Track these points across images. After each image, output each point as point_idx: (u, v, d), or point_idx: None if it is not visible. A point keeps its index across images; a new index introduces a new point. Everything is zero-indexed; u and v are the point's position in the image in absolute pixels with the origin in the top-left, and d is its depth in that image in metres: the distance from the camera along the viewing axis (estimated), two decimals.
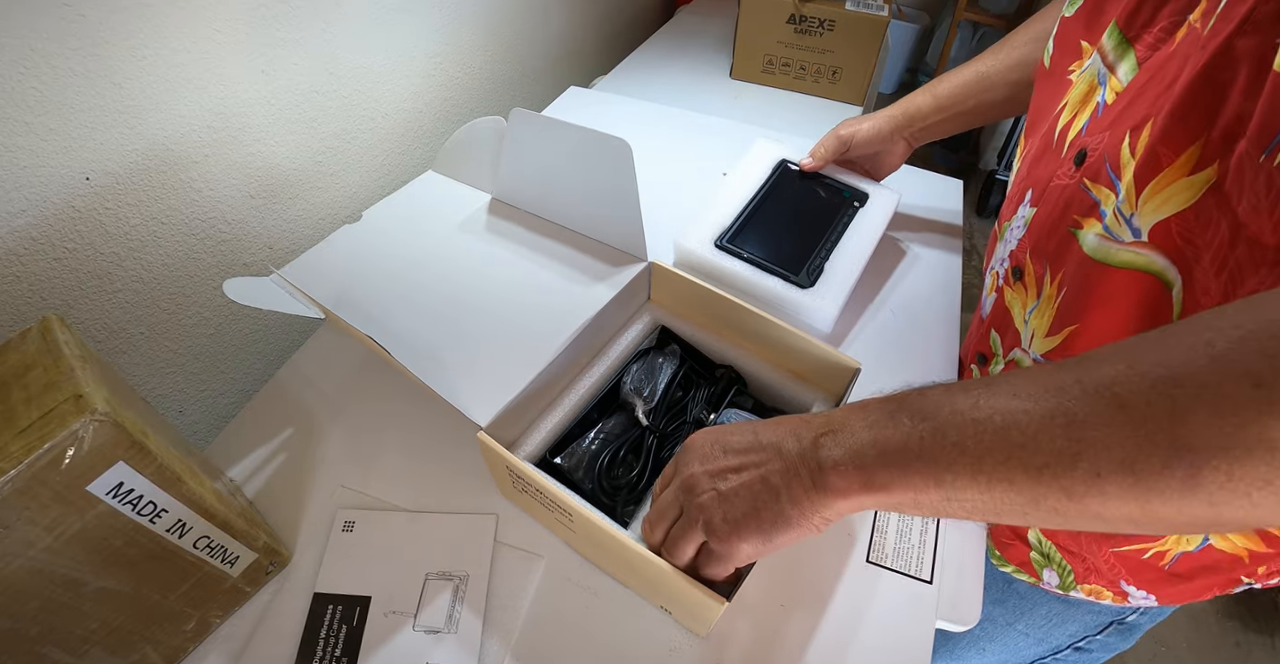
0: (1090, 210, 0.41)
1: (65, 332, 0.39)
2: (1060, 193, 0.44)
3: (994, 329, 0.54)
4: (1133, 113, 0.39)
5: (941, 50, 2.01)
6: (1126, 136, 0.38)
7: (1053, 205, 0.45)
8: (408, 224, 0.63)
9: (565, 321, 0.52)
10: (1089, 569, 0.51)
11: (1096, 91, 0.44)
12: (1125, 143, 0.38)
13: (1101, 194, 0.40)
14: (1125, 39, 0.42)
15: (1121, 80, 0.42)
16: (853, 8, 0.97)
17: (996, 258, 0.55)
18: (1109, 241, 0.39)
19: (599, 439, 0.51)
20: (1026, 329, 0.49)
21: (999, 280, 0.54)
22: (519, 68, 1.00)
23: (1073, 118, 0.46)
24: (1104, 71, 0.44)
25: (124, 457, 0.35)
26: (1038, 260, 0.47)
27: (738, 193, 0.73)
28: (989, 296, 0.57)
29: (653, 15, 1.42)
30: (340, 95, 0.70)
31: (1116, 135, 0.39)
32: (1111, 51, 0.43)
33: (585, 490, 0.48)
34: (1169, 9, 0.39)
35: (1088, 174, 0.41)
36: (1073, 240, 0.43)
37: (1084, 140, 0.43)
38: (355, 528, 0.52)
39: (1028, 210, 0.49)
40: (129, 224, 0.55)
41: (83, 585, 0.36)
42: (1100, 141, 0.41)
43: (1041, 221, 0.47)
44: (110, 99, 0.50)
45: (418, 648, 0.47)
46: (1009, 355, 0.52)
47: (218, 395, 0.70)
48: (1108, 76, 0.43)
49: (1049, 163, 0.47)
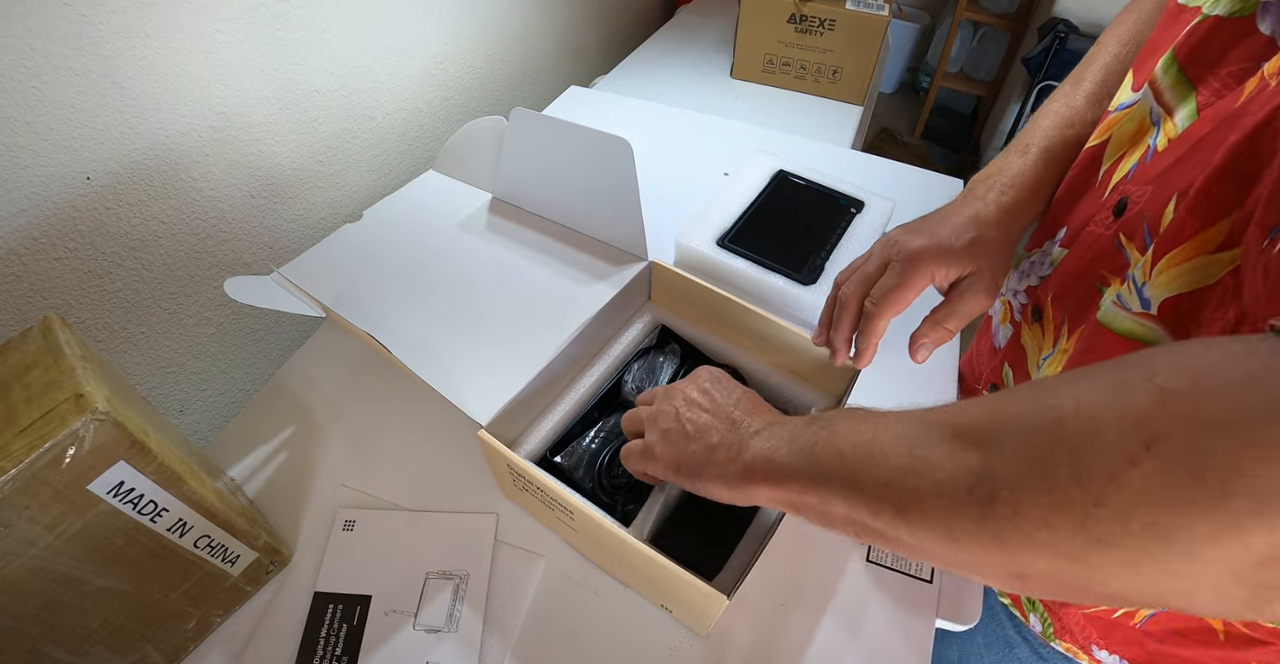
0: (1121, 269, 0.38)
1: (66, 331, 0.39)
2: (1093, 242, 0.41)
3: (1008, 363, 0.52)
4: (1183, 172, 0.35)
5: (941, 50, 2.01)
6: (1173, 201, 0.34)
7: (1084, 253, 0.42)
8: (409, 223, 0.63)
9: (566, 320, 0.52)
10: (1063, 627, 0.49)
11: (1148, 133, 0.40)
12: (1170, 208, 0.34)
13: (1134, 257, 0.37)
14: (1185, 78, 0.37)
15: (1177, 126, 0.37)
16: (853, 7, 0.97)
17: (1009, 286, 0.52)
18: (1118, 308, 0.37)
19: (599, 438, 0.51)
20: (1038, 376, 0.47)
21: (1013, 312, 0.51)
22: (519, 67, 1.00)
23: (1119, 158, 0.42)
24: (1158, 111, 0.39)
25: (125, 456, 0.35)
26: (1059, 308, 0.44)
27: (738, 195, 0.74)
28: (1002, 326, 0.54)
29: (653, 15, 1.42)
30: (340, 95, 0.70)
31: (1162, 194, 0.35)
32: (1169, 90, 0.38)
33: (585, 489, 0.48)
34: (1240, 52, 0.34)
35: (1124, 229, 0.38)
36: (1096, 298, 0.40)
37: (1127, 188, 0.39)
38: (356, 527, 0.53)
39: (1056, 250, 0.46)
40: (130, 223, 0.55)
41: (84, 584, 0.37)
42: (1143, 195, 0.37)
43: (1069, 269, 0.44)
44: (111, 99, 0.50)
45: (418, 647, 0.47)
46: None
47: (218, 394, 0.70)
48: (1163, 119, 0.38)
49: (1089, 203, 0.44)
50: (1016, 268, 0.51)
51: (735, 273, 0.67)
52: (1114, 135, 0.43)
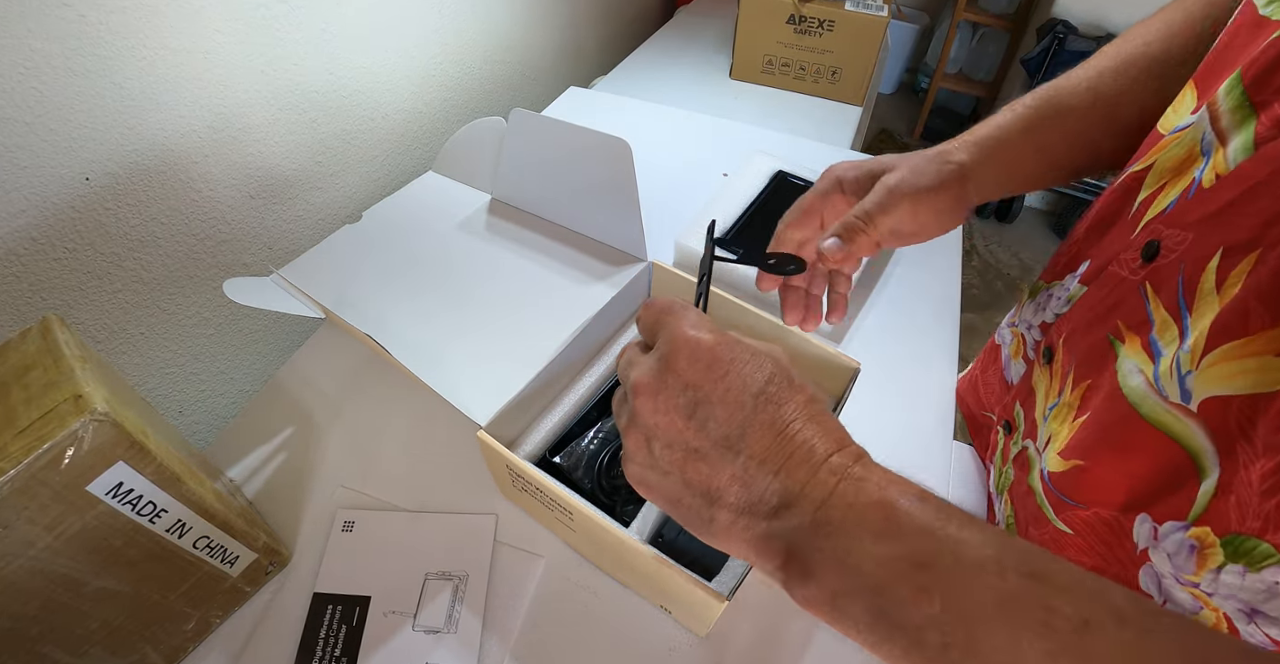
0: (1140, 327, 0.34)
1: (65, 331, 0.39)
2: (1115, 285, 0.37)
3: (1019, 402, 0.48)
4: (1234, 222, 0.29)
5: (941, 50, 2.01)
6: (1218, 257, 0.29)
7: (1103, 297, 0.38)
8: (408, 224, 0.63)
9: (565, 321, 0.52)
10: None
11: (1196, 163, 0.33)
12: (1213, 265, 0.29)
13: (1160, 317, 0.32)
14: (1249, 101, 0.30)
15: (1229, 161, 0.31)
16: (852, 8, 0.97)
17: (1023, 318, 0.49)
18: (1152, 391, 0.32)
19: (598, 438, 0.51)
20: (1044, 427, 0.43)
21: (1025, 348, 0.48)
22: (519, 68, 1.00)
23: (1160, 189, 0.36)
24: (1211, 138, 0.33)
25: (124, 456, 0.35)
26: (1068, 353, 0.41)
27: (738, 196, 0.74)
28: (1014, 360, 0.51)
29: (653, 15, 1.42)
30: (340, 96, 0.70)
31: (1204, 246, 0.30)
32: (1227, 114, 0.32)
33: (584, 490, 0.48)
34: None
35: (1153, 279, 0.33)
36: (1109, 355, 0.35)
37: (1160, 228, 0.34)
38: (355, 528, 0.53)
39: (1074, 285, 0.42)
40: (129, 224, 0.55)
41: (83, 585, 0.36)
42: (1181, 243, 0.32)
43: (1084, 311, 0.40)
44: (110, 99, 0.50)
45: (417, 648, 0.47)
46: (1024, 441, 0.46)
47: (218, 395, 0.70)
48: (1214, 148, 0.32)
49: (1117, 237, 0.39)
50: (1033, 299, 0.48)
51: (734, 273, 0.67)
52: (1158, 161, 0.37)
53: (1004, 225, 2.08)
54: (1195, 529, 0.30)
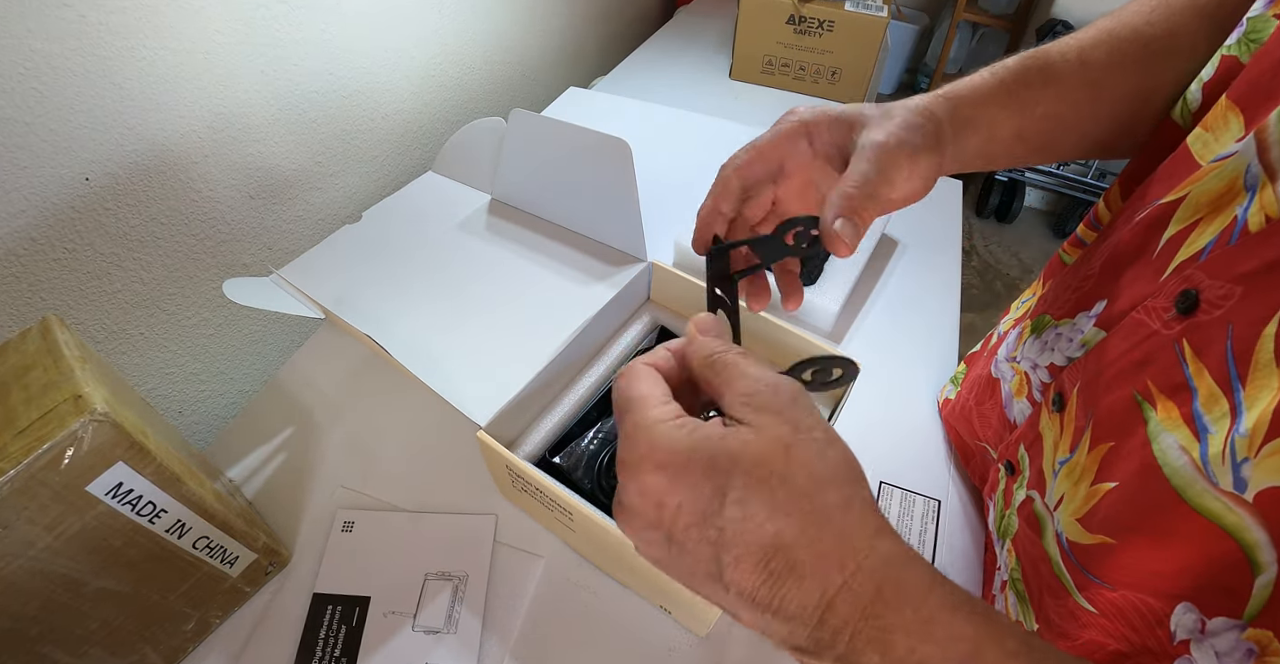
0: (1176, 392, 0.30)
1: (65, 332, 0.39)
2: (1143, 337, 0.33)
3: (1024, 446, 0.44)
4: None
5: (941, 51, 2.01)
6: (1276, 321, 0.26)
7: (1127, 349, 0.34)
8: (408, 224, 0.63)
9: (565, 321, 0.52)
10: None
11: (1237, 200, 0.30)
12: (1271, 331, 0.26)
13: (1204, 387, 0.29)
14: None
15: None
16: (852, 8, 0.97)
17: (1027, 355, 0.44)
18: (1200, 476, 0.28)
19: (598, 438, 0.51)
20: (1054, 483, 0.39)
21: (1031, 388, 0.44)
22: (518, 68, 1.00)
23: (1193, 225, 0.32)
24: (1257, 171, 0.28)
25: (123, 457, 0.35)
26: (1083, 407, 0.37)
27: None
28: (1017, 400, 0.46)
29: (652, 15, 1.42)
30: (340, 96, 0.70)
31: (1257, 305, 0.27)
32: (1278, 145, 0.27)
33: (584, 490, 0.48)
34: None
35: (1193, 338, 0.29)
36: (1136, 420, 0.32)
37: (1198, 276, 0.30)
38: (355, 528, 0.52)
39: (1090, 329, 0.38)
40: (129, 224, 0.55)
41: (82, 585, 0.36)
42: (1226, 298, 0.28)
43: (1105, 363, 0.35)
44: (110, 99, 0.50)
45: (417, 648, 0.47)
46: (1029, 491, 0.43)
47: (217, 395, 0.70)
48: (1261, 184, 0.28)
49: (1141, 277, 0.34)
50: (1038, 335, 0.43)
51: None
52: (1192, 194, 0.32)
53: (1004, 225, 2.08)
54: (1253, 630, 0.27)
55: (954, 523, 0.54)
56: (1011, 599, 0.44)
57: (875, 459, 0.57)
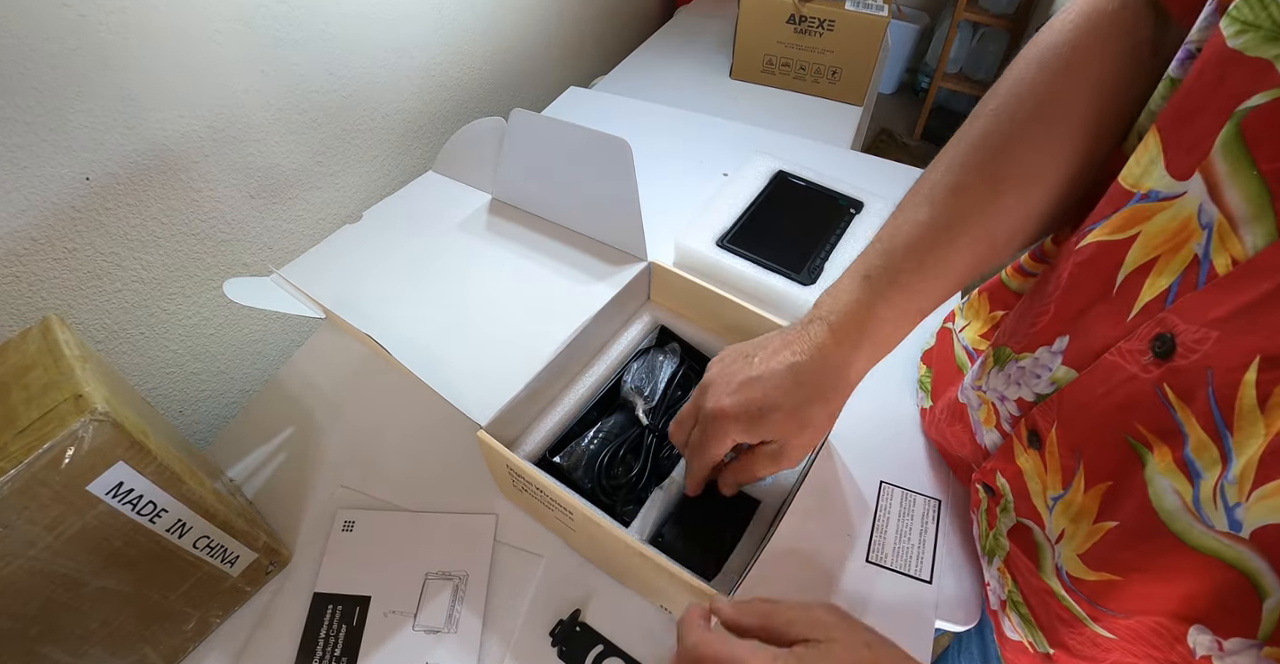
0: (1169, 437, 0.30)
1: (65, 331, 0.39)
2: (1121, 382, 0.32)
3: (1002, 475, 0.44)
4: (1270, 323, 0.25)
5: (941, 50, 2.01)
6: (1255, 368, 0.26)
7: (1105, 392, 0.34)
8: (408, 224, 0.63)
9: (565, 321, 0.52)
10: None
11: (1193, 238, 0.29)
12: (1250, 378, 0.26)
13: (1195, 435, 0.29)
14: (1256, 171, 0.25)
15: (1246, 246, 0.26)
16: (852, 8, 0.97)
17: (993, 387, 0.44)
18: (1195, 520, 0.29)
19: (598, 438, 0.51)
20: (1050, 520, 0.39)
21: (998, 418, 0.44)
22: (518, 68, 1.00)
23: (1148, 264, 0.32)
24: (1211, 211, 0.28)
25: (124, 456, 0.35)
26: (1067, 448, 0.37)
27: (738, 196, 0.74)
28: (986, 428, 0.46)
29: (652, 15, 1.42)
30: (340, 95, 0.70)
31: (1235, 350, 0.26)
32: (1229, 182, 0.27)
33: (584, 489, 0.48)
34: None
35: (1174, 383, 0.29)
36: (1133, 461, 0.32)
37: (1172, 319, 0.30)
38: (355, 528, 0.53)
39: (1059, 367, 0.37)
40: (129, 224, 0.55)
41: (83, 585, 0.36)
42: (1202, 342, 0.28)
43: (1084, 406, 0.35)
44: (110, 99, 0.50)
45: (417, 647, 0.47)
46: (1020, 519, 0.43)
47: (218, 395, 0.70)
48: (1218, 226, 0.27)
49: (1104, 317, 0.34)
50: (1002, 368, 0.43)
51: (735, 273, 0.67)
52: (1145, 232, 0.32)
53: None
54: (1270, 649, 0.28)
55: (954, 522, 0.54)
56: (1016, 620, 0.44)
57: (875, 459, 0.57)
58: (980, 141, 0.38)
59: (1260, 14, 0.26)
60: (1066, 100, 0.37)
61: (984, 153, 0.38)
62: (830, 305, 0.41)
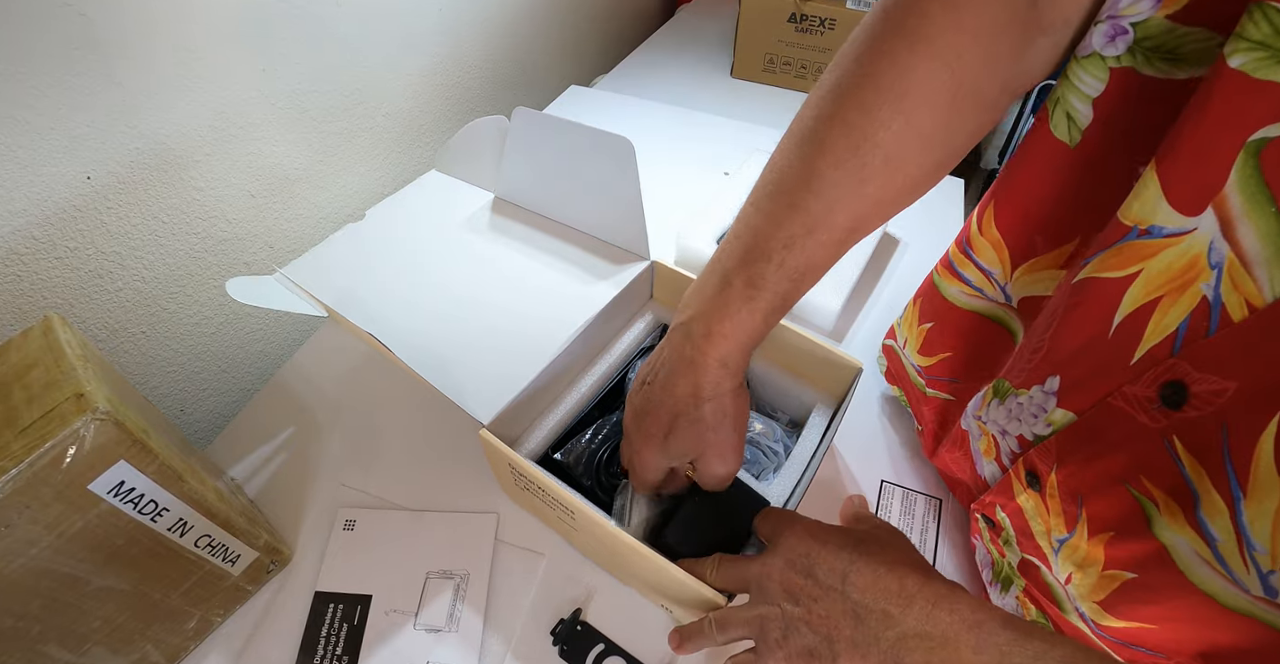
0: (1178, 493, 0.28)
1: (67, 330, 0.39)
2: (1127, 432, 0.31)
3: (1001, 509, 0.43)
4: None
5: None
6: (1275, 425, 0.24)
7: (1107, 441, 0.32)
8: (411, 223, 0.63)
9: (568, 320, 0.52)
10: None
11: (1202, 277, 0.27)
12: (1270, 434, 0.24)
13: (1206, 495, 0.27)
14: (1279, 215, 0.23)
15: (1262, 289, 0.24)
16: (854, 6, 0.97)
17: (994, 419, 0.42)
18: (1228, 582, 0.27)
19: (600, 436, 0.51)
20: (1056, 562, 0.38)
21: (999, 452, 0.42)
22: (519, 67, 1.00)
23: (1151, 304, 0.29)
24: (1223, 250, 0.26)
25: (125, 455, 0.34)
26: (1068, 495, 0.35)
27: (739, 195, 0.74)
28: (986, 460, 0.45)
29: (654, 14, 1.42)
30: (341, 95, 0.70)
31: (1252, 407, 0.25)
32: (1245, 219, 0.24)
33: (585, 487, 0.48)
34: None
35: (1182, 435, 0.27)
36: (1138, 515, 0.31)
37: (1183, 367, 0.28)
38: (356, 526, 0.52)
39: (1055, 409, 0.36)
40: (130, 223, 0.55)
41: (84, 584, 0.36)
42: (1217, 395, 0.26)
43: (1081, 449, 0.34)
44: (110, 98, 0.50)
45: (419, 646, 0.47)
46: (1025, 554, 0.42)
47: (219, 394, 0.70)
48: (1229, 265, 0.25)
49: (1105, 356, 0.32)
50: (1002, 401, 0.41)
51: None
52: (1147, 270, 0.30)
53: None
54: None
55: (955, 522, 0.54)
56: None
57: (877, 458, 0.57)
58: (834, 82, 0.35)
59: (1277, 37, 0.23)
60: (923, 28, 0.31)
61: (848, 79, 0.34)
62: (692, 307, 0.40)
